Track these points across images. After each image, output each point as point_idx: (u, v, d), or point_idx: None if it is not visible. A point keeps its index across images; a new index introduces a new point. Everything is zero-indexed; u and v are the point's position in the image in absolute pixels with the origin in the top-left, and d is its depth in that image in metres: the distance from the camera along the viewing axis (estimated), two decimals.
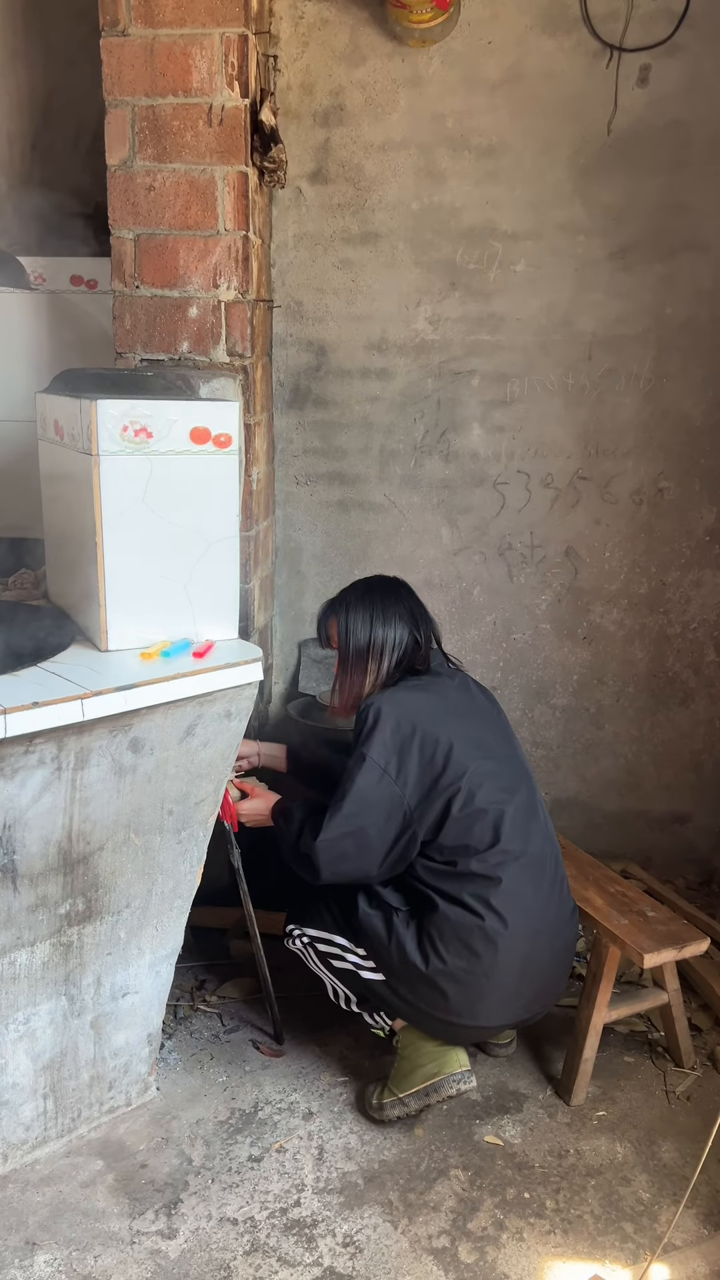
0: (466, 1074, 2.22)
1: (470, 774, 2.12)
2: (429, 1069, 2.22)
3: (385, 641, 2.24)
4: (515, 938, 2.09)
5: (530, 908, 2.13)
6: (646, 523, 3.12)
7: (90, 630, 2.13)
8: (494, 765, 2.18)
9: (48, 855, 1.94)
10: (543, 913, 2.16)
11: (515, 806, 2.16)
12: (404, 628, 2.26)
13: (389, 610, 2.26)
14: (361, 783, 2.11)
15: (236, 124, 2.52)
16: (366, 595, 2.29)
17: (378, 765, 2.10)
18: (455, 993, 2.11)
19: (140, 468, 2.00)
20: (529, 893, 2.13)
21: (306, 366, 3.08)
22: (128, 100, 2.53)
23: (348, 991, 2.32)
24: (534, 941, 2.14)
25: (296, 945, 2.37)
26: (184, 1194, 2.10)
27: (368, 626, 2.24)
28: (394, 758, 2.11)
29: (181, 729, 2.02)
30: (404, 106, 2.88)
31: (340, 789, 2.13)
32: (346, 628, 2.26)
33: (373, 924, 2.18)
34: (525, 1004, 2.19)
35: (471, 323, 3.01)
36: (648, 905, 2.42)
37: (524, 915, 2.11)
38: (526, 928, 2.11)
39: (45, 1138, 2.19)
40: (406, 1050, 2.27)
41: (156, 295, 2.63)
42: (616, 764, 3.34)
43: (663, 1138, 2.27)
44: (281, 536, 3.23)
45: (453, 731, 2.14)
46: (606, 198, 2.89)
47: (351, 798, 2.11)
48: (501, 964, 2.09)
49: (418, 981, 2.13)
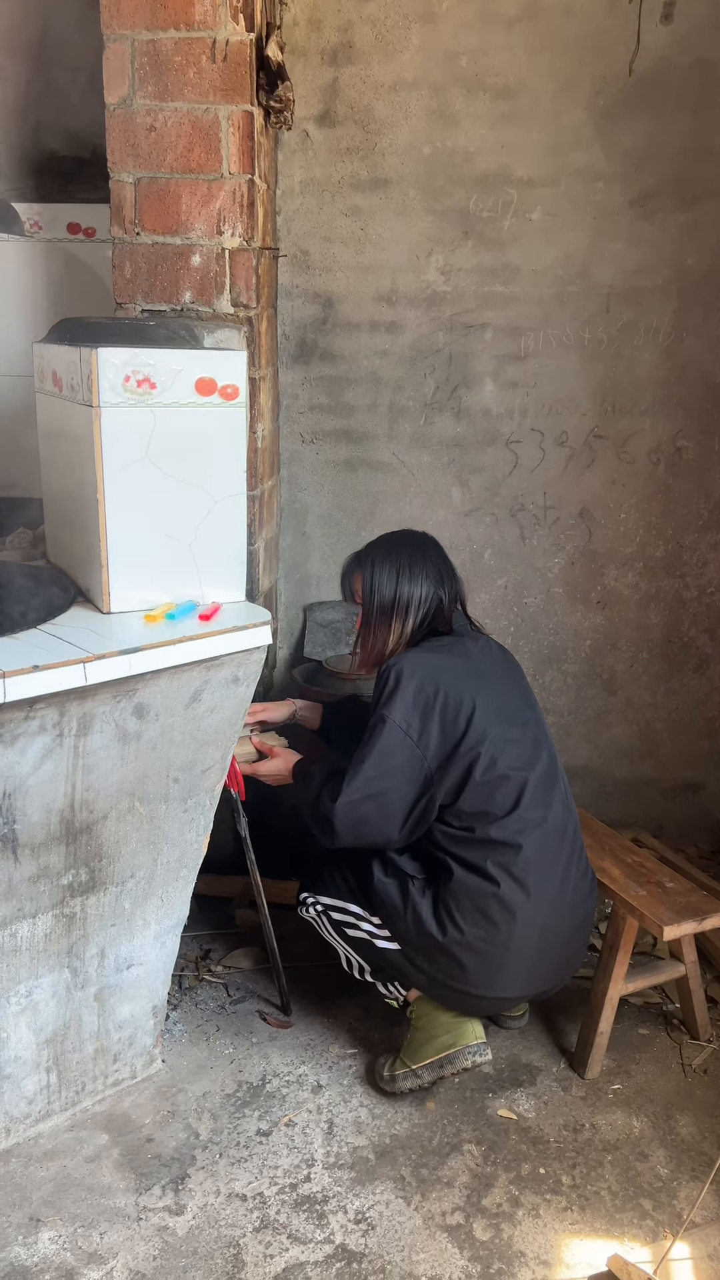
0: (482, 1046, 2.16)
1: (492, 739, 2.05)
2: (444, 1040, 2.17)
3: (411, 598, 2.16)
4: (535, 907, 2.04)
5: (551, 877, 2.07)
6: (664, 483, 3.03)
7: (92, 592, 2.04)
8: (516, 731, 2.11)
9: (49, 824, 1.86)
10: (563, 882, 2.10)
11: (536, 774, 2.10)
12: (430, 585, 2.18)
13: (416, 566, 2.18)
14: (382, 745, 2.04)
15: (241, 60, 2.39)
16: (394, 550, 2.21)
17: (399, 727, 2.03)
18: (473, 963, 2.05)
19: (143, 420, 1.91)
20: (549, 861, 2.07)
21: (313, 319, 2.97)
22: (127, 34, 2.40)
23: (362, 961, 2.26)
24: (554, 911, 2.08)
25: (310, 914, 2.31)
26: (191, 1169, 2.05)
27: (393, 582, 2.16)
28: (416, 719, 2.04)
29: (187, 694, 1.94)
30: (416, 44, 2.75)
31: (360, 751, 2.06)
32: (372, 583, 2.18)
33: (388, 892, 2.12)
34: (544, 975, 2.14)
35: (485, 274, 2.90)
36: (666, 876, 2.36)
37: (545, 884, 2.06)
38: (547, 897, 2.06)
39: (49, 1111, 2.14)
40: (421, 1021, 2.21)
41: (158, 242, 2.51)
42: (629, 731, 3.27)
43: (680, 1112, 2.22)
44: (286, 497, 3.13)
45: (476, 695, 2.07)
46: (627, 141, 2.77)
47: (372, 760, 2.04)
48: (520, 934, 2.04)
49: (434, 951, 2.07)
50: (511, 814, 2.06)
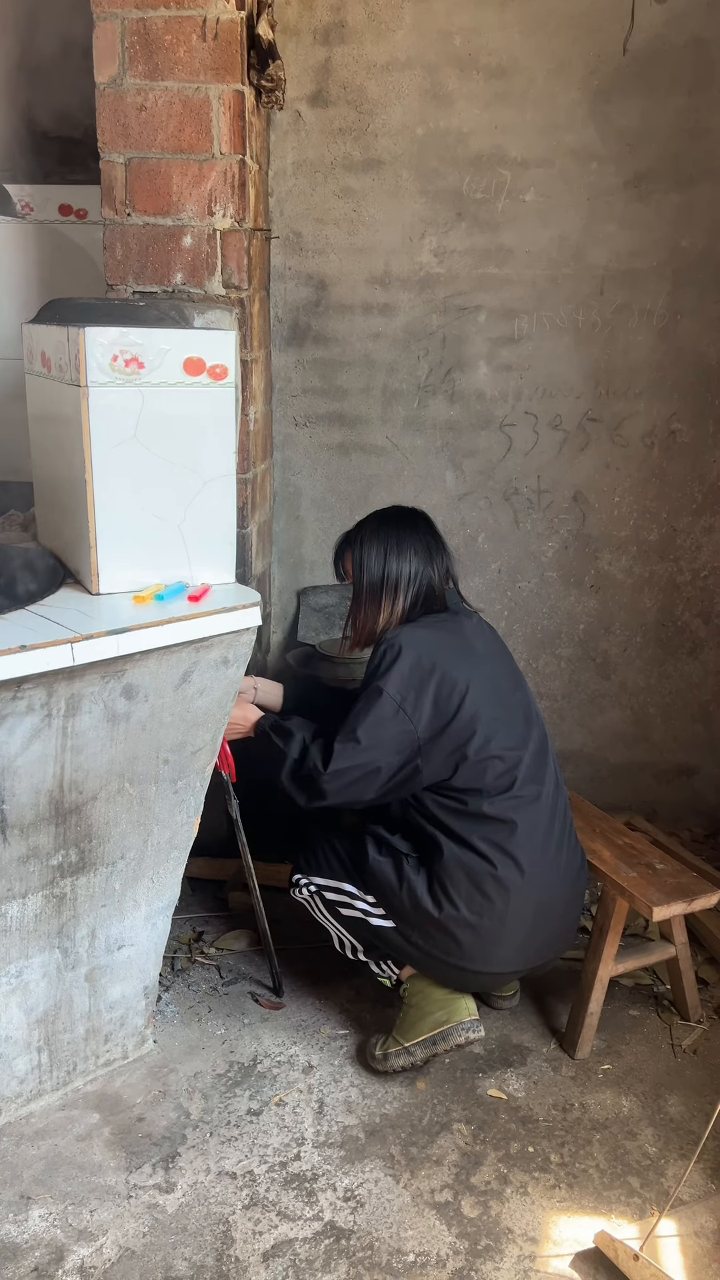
0: (475, 1023, 2.17)
1: (486, 719, 2.06)
2: (437, 1016, 2.18)
3: (400, 575, 2.16)
4: (529, 883, 2.06)
5: (544, 853, 2.09)
6: (658, 466, 3.02)
7: (81, 573, 2.04)
8: (508, 711, 2.13)
9: (38, 805, 1.87)
10: (555, 859, 2.12)
11: (529, 753, 2.12)
12: (419, 562, 2.18)
13: (405, 543, 2.18)
14: (375, 715, 2.05)
15: (232, 38, 2.38)
16: (382, 527, 2.21)
17: (393, 700, 2.04)
18: (468, 938, 2.07)
19: (131, 400, 1.90)
20: (542, 838, 2.09)
21: (306, 301, 2.96)
22: (117, 12, 2.38)
23: (354, 940, 2.27)
24: (547, 887, 2.10)
25: (303, 895, 2.32)
26: (182, 1148, 2.06)
27: (382, 560, 2.16)
28: (411, 693, 2.05)
29: (177, 675, 1.94)
30: (409, 23, 2.73)
31: (352, 720, 2.07)
32: (361, 560, 2.18)
33: (383, 870, 2.13)
34: (538, 950, 2.16)
35: (478, 255, 2.88)
36: (656, 858, 2.37)
37: (538, 861, 2.07)
38: (540, 874, 2.08)
39: (40, 1091, 2.14)
40: (414, 998, 2.22)
41: (149, 223, 2.50)
42: (623, 715, 3.27)
43: (669, 1092, 2.23)
44: (280, 480, 3.12)
45: (471, 675, 2.09)
46: (622, 121, 2.75)
47: (365, 730, 2.05)
48: (515, 909, 2.06)
49: (430, 927, 2.09)
50: (506, 792, 2.07)
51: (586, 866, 2.25)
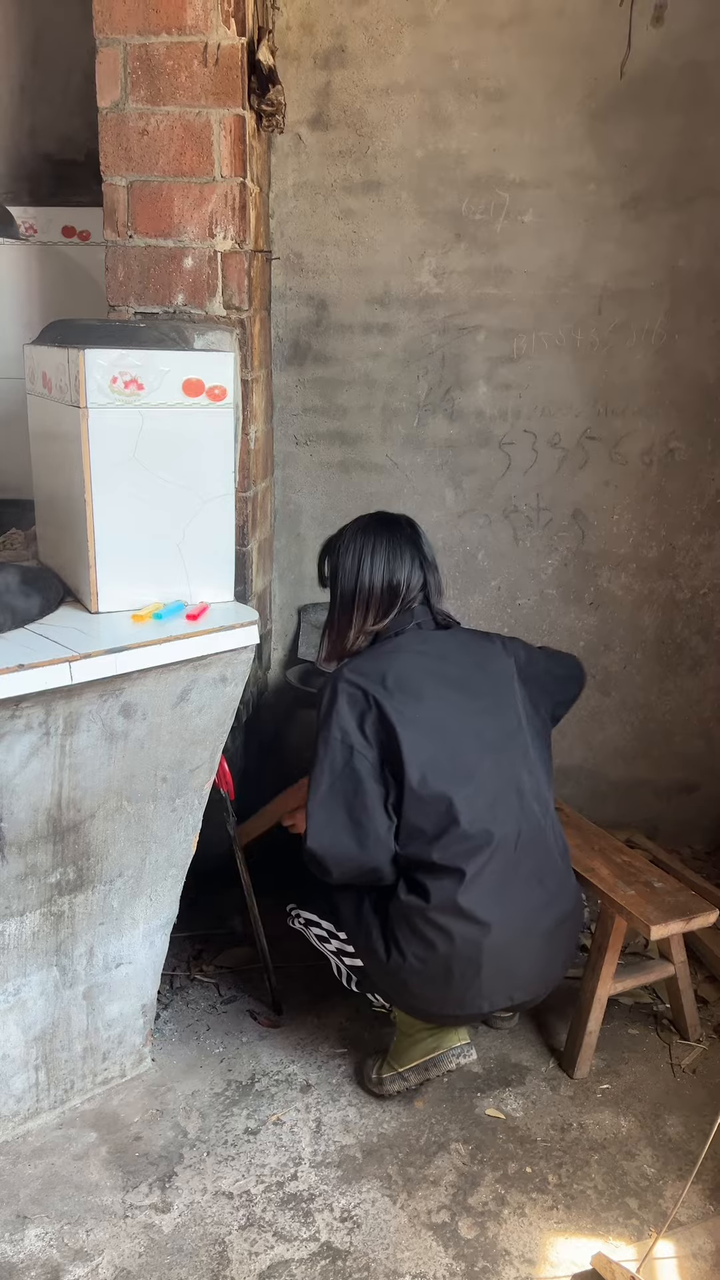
0: (466, 1047, 2.17)
1: (421, 758, 1.95)
2: (428, 1043, 2.17)
3: (373, 587, 2.07)
4: (482, 929, 1.94)
5: (503, 897, 1.97)
6: (657, 484, 3.03)
7: (81, 592, 2.06)
8: (457, 745, 1.99)
9: (36, 823, 1.87)
10: (524, 895, 2.00)
11: (484, 791, 1.98)
12: (397, 574, 2.07)
13: (381, 552, 2.08)
14: (327, 759, 1.96)
15: (233, 64, 2.40)
16: (362, 535, 2.11)
17: (337, 740, 1.96)
18: (418, 985, 2.01)
19: (131, 421, 1.92)
20: (497, 884, 1.97)
21: (306, 321, 2.98)
22: (119, 39, 2.42)
23: (349, 970, 2.26)
24: (509, 930, 1.97)
25: (297, 925, 2.31)
26: (179, 1167, 2.05)
27: (356, 570, 2.07)
28: (352, 727, 1.96)
29: (175, 694, 1.95)
30: (408, 47, 2.76)
31: (310, 778, 1.98)
32: (336, 567, 2.10)
33: (346, 909, 2.11)
34: (511, 988, 2.02)
35: (477, 275, 2.91)
36: (655, 876, 2.36)
37: (493, 906, 1.95)
38: (497, 917, 1.95)
39: (37, 1109, 2.14)
40: (405, 1025, 2.21)
41: (150, 245, 2.53)
42: (623, 731, 3.27)
43: (668, 1112, 2.22)
44: (280, 498, 3.14)
45: (414, 704, 1.97)
46: (619, 143, 2.78)
47: (321, 778, 1.96)
48: (464, 955, 1.94)
49: (384, 973, 2.06)
50: (448, 835, 1.95)
51: (575, 894, 2.12)
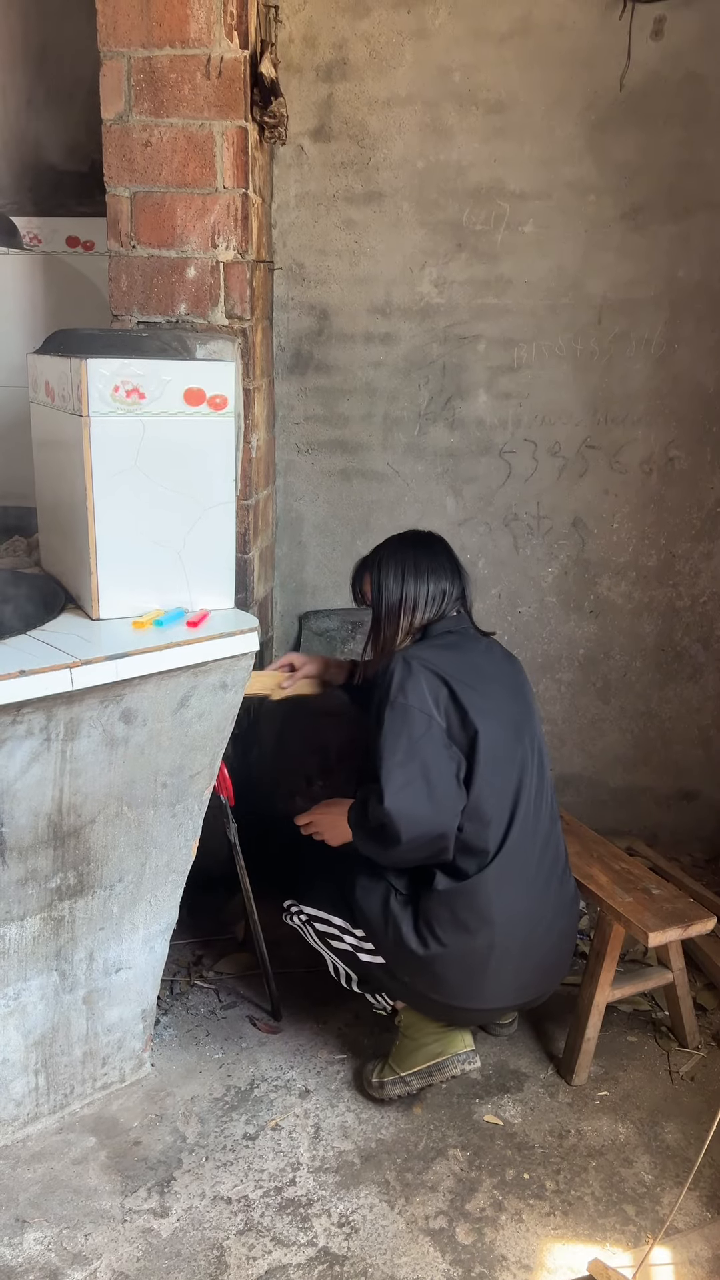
0: (471, 1054, 2.18)
1: (487, 742, 2.05)
2: (433, 1048, 2.18)
3: (418, 597, 2.19)
4: (518, 917, 2.05)
5: (534, 886, 2.08)
6: (656, 493, 3.05)
7: (82, 598, 2.07)
8: (510, 735, 2.11)
9: (37, 828, 1.89)
10: (543, 893, 2.11)
11: (530, 782, 2.11)
12: (435, 584, 2.21)
13: (421, 565, 2.21)
14: (406, 729, 2.00)
15: (236, 76, 2.43)
16: (400, 550, 2.24)
17: (416, 708, 2.02)
18: (454, 976, 2.06)
19: (132, 430, 1.94)
20: (533, 872, 2.08)
21: (308, 331, 3.00)
22: (123, 51, 2.44)
23: (349, 970, 2.27)
24: (537, 922, 2.09)
25: (295, 922, 2.32)
26: (177, 1172, 2.06)
27: (400, 582, 2.20)
28: (429, 702, 2.04)
29: (175, 700, 1.97)
30: (409, 60, 2.79)
31: (381, 746, 2.00)
32: (379, 583, 2.21)
33: (370, 905, 2.12)
34: (527, 985, 2.14)
35: (478, 285, 2.93)
36: (653, 883, 2.37)
37: (527, 894, 2.07)
38: (529, 908, 2.07)
39: (37, 1114, 2.15)
40: (409, 1029, 2.23)
41: (153, 255, 2.55)
42: (623, 739, 3.28)
43: (666, 1119, 2.23)
44: (282, 506, 3.16)
45: (475, 694, 2.08)
46: (619, 155, 2.80)
47: (400, 746, 1.99)
48: (502, 945, 2.04)
49: (415, 966, 2.08)
50: (500, 824, 2.06)
51: (578, 899, 2.24)
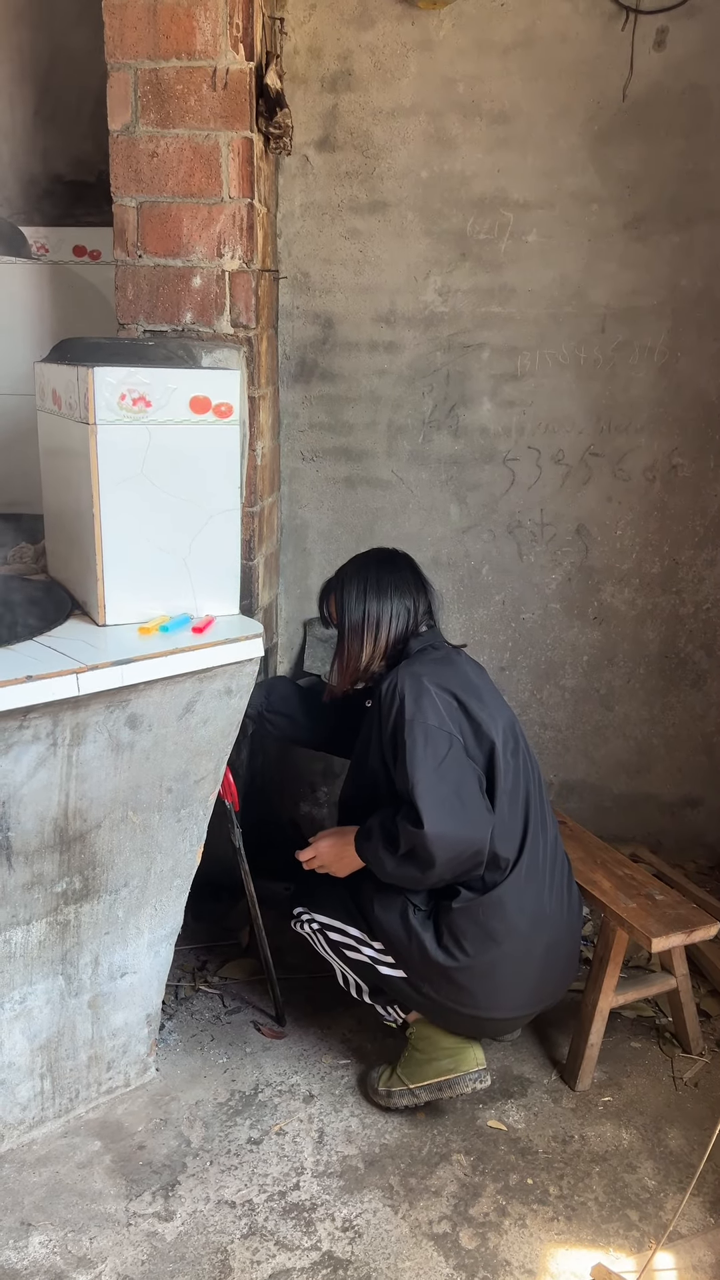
0: (483, 1073, 2.17)
1: (501, 753, 2.08)
2: (444, 1064, 2.18)
3: (381, 615, 2.21)
4: (537, 924, 2.07)
5: (549, 893, 2.11)
6: (660, 500, 3.06)
7: (88, 604, 2.09)
8: (512, 744, 2.14)
9: (43, 832, 1.90)
10: (558, 896, 2.14)
11: (535, 790, 2.15)
12: (400, 601, 2.22)
13: (385, 583, 2.23)
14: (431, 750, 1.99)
15: (241, 88, 2.45)
16: (362, 570, 2.27)
17: (437, 727, 2.01)
18: (480, 986, 2.07)
19: (139, 437, 1.96)
20: (547, 878, 2.12)
21: (313, 339, 3.02)
22: (130, 63, 2.47)
23: (359, 981, 2.27)
24: (555, 927, 2.12)
25: (305, 930, 2.31)
26: (182, 1176, 2.07)
27: (362, 601, 2.22)
28: (446, 719, 2.04)
29: (181, 705, 1.98)
30: (414, 71, 2.81)
31: (411, 769, 1.98)
32: (342, 603, 2.24)
33: (390, 921, 2.10)
34: (548, 990, 2.18)
35: (482, 294, 2.94)
36: (656, 889, 2.38)
37: (544, 901, 2.10)
38: (545, 914, 2.10)
39: (42, 1118, 2.16)
40: (421, 1042, 2.22)
41: (159, 264, 2.57)
42: (627, 746, 3.28)
43: (669, 1124, 2.23)
44: (287, 513, 3.17)
45: (479, 706, 2.10)
46: (621, 165, 2.82)
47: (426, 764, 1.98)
48: (525, 952, 2.07)
49: (441, 979, 2.08)
50: (513, 832, 2.08)
51: (582, 901, 2.27)
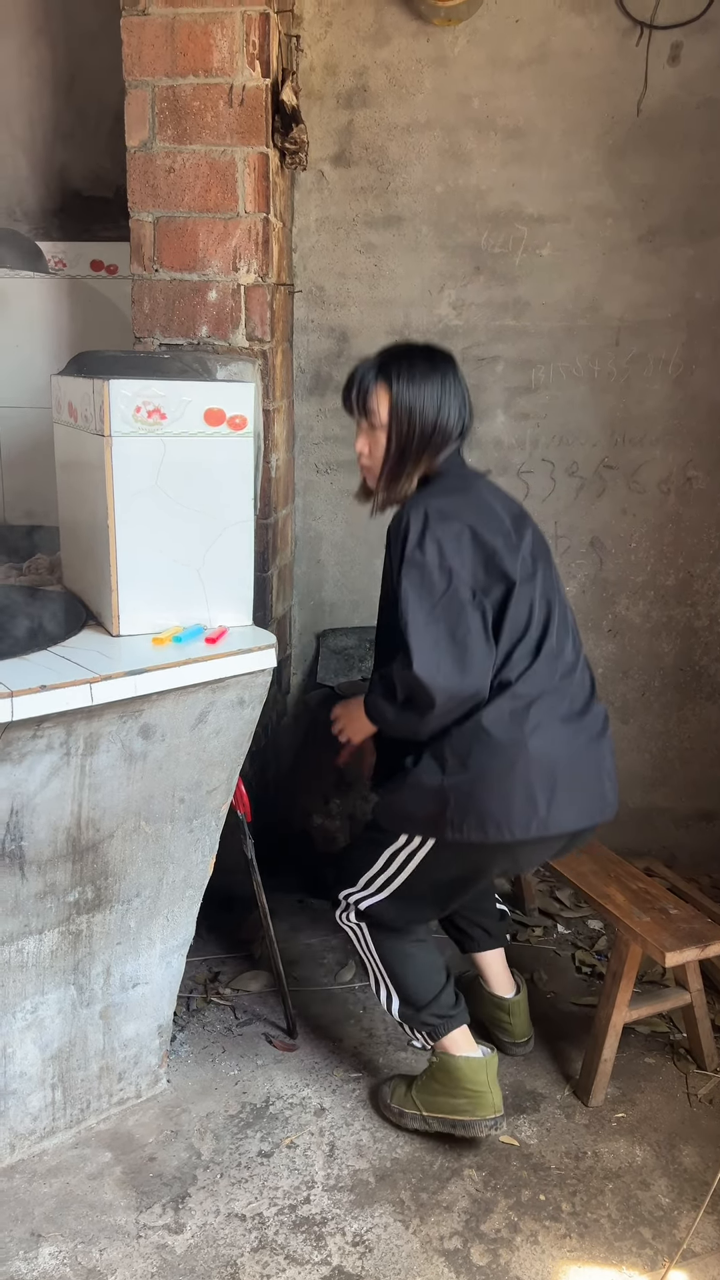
0: (499, 1119, 2.11)
1: (517, 582, 1.93)
2: (461, 1104, 2.11)
3: (449, 425, 1.96)
4: (550, 735, 1.92)
5: (565, 709, 1.96)
6: (674, 512, 3.05)
7: (103, 615, 2.10)
8: (530, 569, 1.98)
9: (56, 842, 1.91)
10: (579, 716, 1.99)
11: (551, 614, 2.00)
12: (456, 407, 1.98)
13: (448, 386, 1.97)
14: (423, 586, 1.86)
15: (257, 104, 2.48)
16: (427, 362, 1.98)
17: (434, 565, 1.87)
18: (494, 801, 1.89)
19: (153, 450, 1.97)
20: (562, 697, 1.97)
21: (328, 352, 3.03)
22: (148, 81, 2.50)
23: (390, 986, 2.17)
24: (573, 736, 1.96)
25: (349, 921, 2.19)
26: (192, 1188, 2.06)
27: (436, 403, 1.94)
28: (450, 556, 1.88)
29: (193, 716, 1.99)
30: (429, 87, 2.83)
31: (404, 609, 1.86)
32: (411, 403, 1.95)
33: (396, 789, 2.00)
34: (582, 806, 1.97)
35: (496, 308, 2.95)
36: (670, 903, 2.36)
37: (557, 714, 1.95)
38: (560, 726, 1.95)
39: (53, 1128, 2.16)
40: (442, 1075, 2.14)
41: (175, 279, 2.60)
42: (642, 759, 3.27)
43: (684, 1141, 2.21)
44: (301, 525, 3.19)
45: (496, 535, 1.94)
46: (636, 179, 2.83)
47: (420, 604, 1.85)
48: (538, 760, 1.90)
49: (451, 806, 1.90)
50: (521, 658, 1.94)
51: (610, 735, 2.08)
